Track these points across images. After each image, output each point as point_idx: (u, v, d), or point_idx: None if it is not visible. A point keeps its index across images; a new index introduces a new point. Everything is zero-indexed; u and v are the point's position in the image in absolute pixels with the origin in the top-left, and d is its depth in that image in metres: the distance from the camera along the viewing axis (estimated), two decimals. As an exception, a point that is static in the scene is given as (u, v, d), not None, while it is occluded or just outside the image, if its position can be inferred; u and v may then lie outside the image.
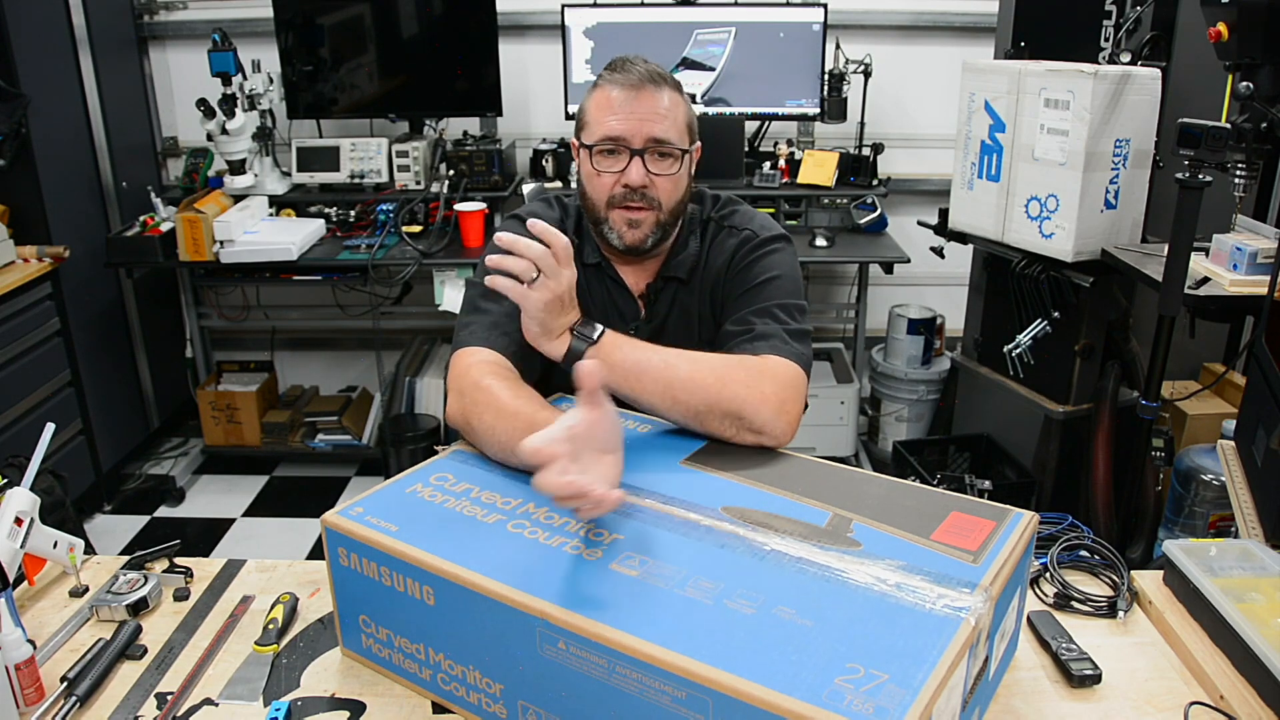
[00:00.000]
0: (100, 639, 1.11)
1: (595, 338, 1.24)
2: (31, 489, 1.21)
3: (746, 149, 3.33)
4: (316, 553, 2.46)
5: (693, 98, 1.90)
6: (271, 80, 3.19)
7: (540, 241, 1.17)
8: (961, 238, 2.74)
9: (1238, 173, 2.11)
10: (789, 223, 3.21)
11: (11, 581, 1.08)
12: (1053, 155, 2.36)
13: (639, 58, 1.38)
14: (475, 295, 1.36)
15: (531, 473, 1.01)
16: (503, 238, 1.17)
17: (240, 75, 3.05)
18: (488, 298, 1.32)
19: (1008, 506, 1.05)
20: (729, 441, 1.21)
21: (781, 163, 3.24)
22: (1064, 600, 1.19)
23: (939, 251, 2.95)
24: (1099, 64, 2.43)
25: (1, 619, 0.98)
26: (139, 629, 1.14)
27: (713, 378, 1.20)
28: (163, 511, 3.21)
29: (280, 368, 3.65)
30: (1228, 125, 1.98)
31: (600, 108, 1.36)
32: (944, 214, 2.78)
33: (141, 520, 3.16)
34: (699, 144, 1.44)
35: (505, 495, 1.08)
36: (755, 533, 0.99)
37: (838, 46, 3.15)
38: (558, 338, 1.24)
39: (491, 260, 1.19)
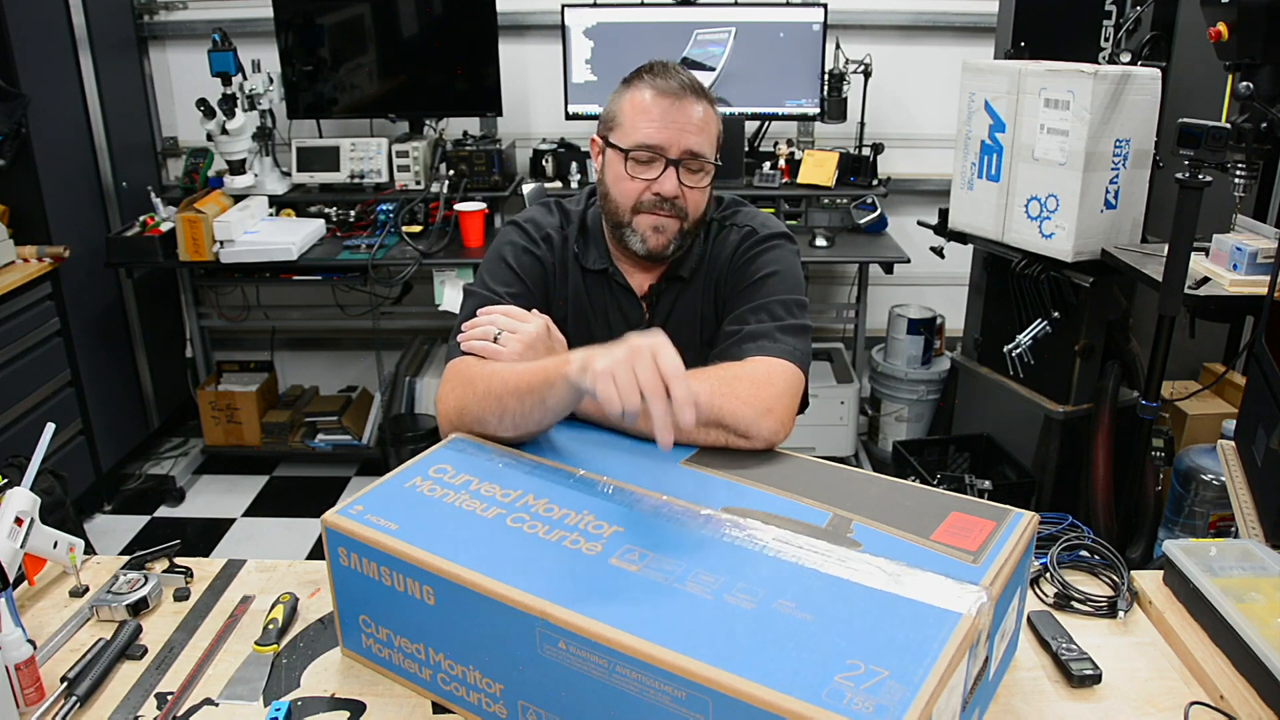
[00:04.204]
0: (100, 639, 1.11)
1: None
2: (31, 489, 1.21)
3: (746, 149, 3.33)
4: (316, 553, 2.46)
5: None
6: (271, 80, 3.19)
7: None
8: (961, 238, 2.74)
9: (1238, 173, 2.11)
10: (789, 223, 3.21)
11: (11, 581, 1.08)
12: (1053, 155, 2.36)
13: (675, 64, 1.38)
14: (474, 306, 1.37)
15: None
16: (465, 327, 1.33)
17: (240, 75, 3.05)
18: (486, 307, 1.34)
19: (1008, 507, 1.05)
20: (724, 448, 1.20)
21: (781, 163, 3.24)
22: (1064, 600, 1.19)
23: (939, 251, 2.95)
24: (1099, 64, 2.43)
25: (1, 619, 0.98)
26: (139, 629, 1.14)
27: None
28: (163, 511, 3.21)
29: (280, 368, 3.64)
30: (1228, 125, 1.98)
31: (638, 111, 1.35)
32: (944, 214, 2.78)
33: (141, 520, 3.16)
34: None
35: (505, 487, 1.08)
36: (756, 530, 0.99)
37: (838, 46, 3.15)
38: None
39: (462, 338, 1.31)
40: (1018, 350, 2.68)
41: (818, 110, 3.18)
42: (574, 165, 3.22)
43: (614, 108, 1.40)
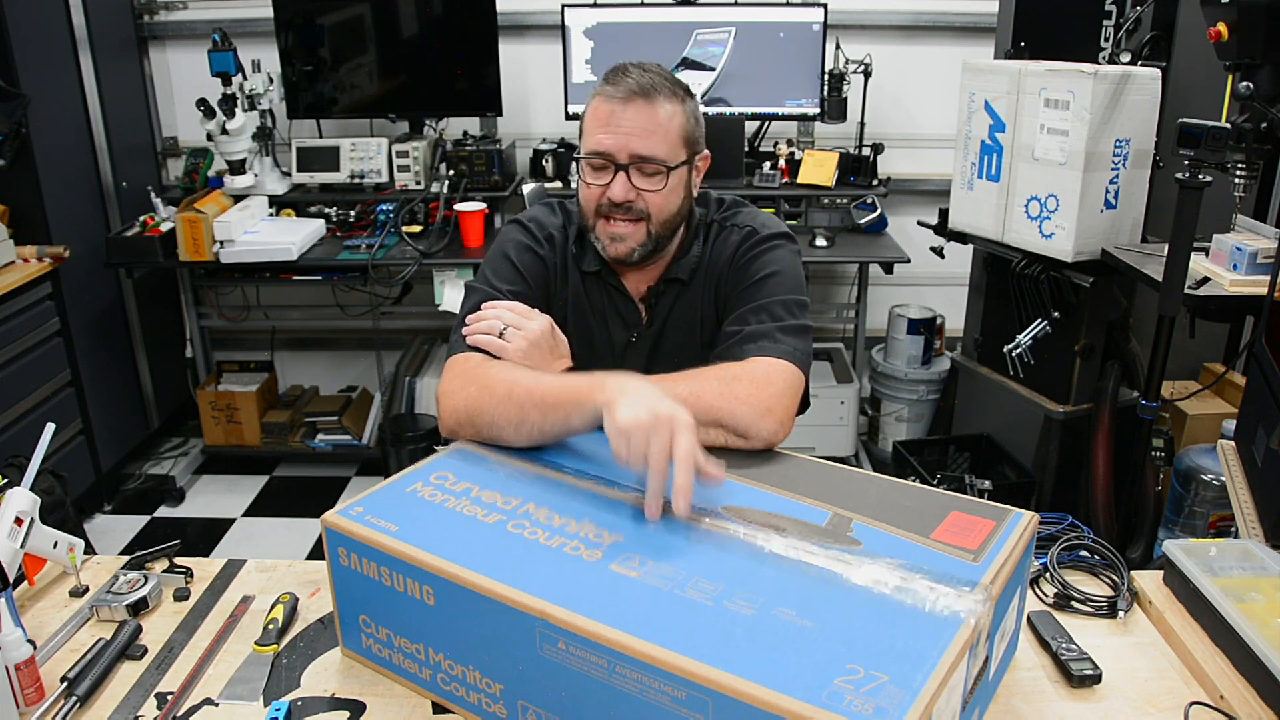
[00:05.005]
0: (100, 639, 1.11)
1: None
2: (31, 489, 1.21)
3: (746, 149, 3.33)
4: (316, 553, 2.46)
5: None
6: (271, 80, 3.19)
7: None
8: (961, 238, 2.74)
9: (1238, 173, 2.11)
10: (789, 223, 3.21)
11: (11, 581, 1.08)
12: (1053, 155, 2.36)
13: (636, 65, 1.36)
14: (476, 301, 1.37)
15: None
16: (470, 320, 1.33)
17: (240, 75, 3.06)
18: (487, 305, 1.35)
19: (1008, 506, 1.05)
20: (724, 448, 1.20)
21: (781, 163, 3.24)
22: (1064, 600, 1.19)
23: (939, 251, 2.95)
24: (1099, 64, 2.43)
25: (1, 619, 0.98)
26: (139, 629, 1.14)
27: (687, 392, 1.19)
28: (163, 511, 3.21)
29: (280, 368, 3.65)
30: (1228, 125, 1.98)
31: (593, 119, 1.36)
32: (944, 214, 2.78)
33: (141, 520, 3.16)
34: (706, 152, 1.43)
35: (506, 494, 1.08)
36: (755, 533, 0.99)
37: (838, 46, 3.15)
38: None
39: (466, 331, 1.32)
40: (1018, 350, 2.68)
41: (818, 110, 3.18)
42: (574, 165, 3.22)
43: (582, 116, 1.41)
